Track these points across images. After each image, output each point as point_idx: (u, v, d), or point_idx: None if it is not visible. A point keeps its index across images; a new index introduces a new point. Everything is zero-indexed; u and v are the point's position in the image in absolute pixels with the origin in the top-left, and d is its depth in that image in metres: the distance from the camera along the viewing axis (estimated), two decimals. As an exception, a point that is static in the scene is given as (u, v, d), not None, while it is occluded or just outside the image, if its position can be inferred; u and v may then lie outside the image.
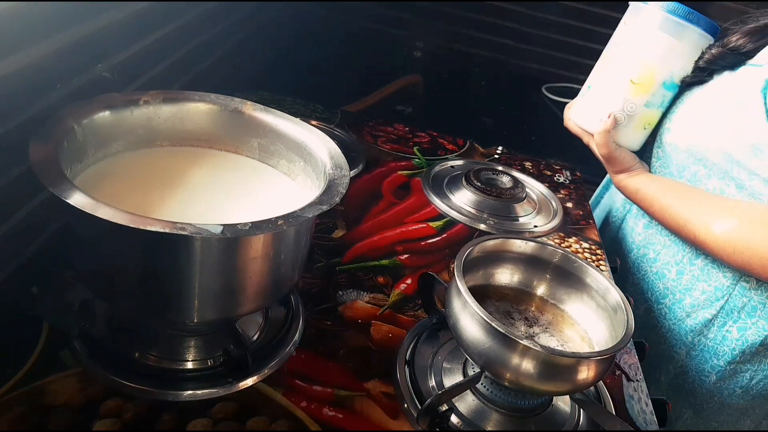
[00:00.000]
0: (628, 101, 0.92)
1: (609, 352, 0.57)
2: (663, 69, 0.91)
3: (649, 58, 0.90)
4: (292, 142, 0.66)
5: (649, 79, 0.91)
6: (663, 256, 0.98)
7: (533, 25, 1.73)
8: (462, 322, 0.59)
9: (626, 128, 0.94)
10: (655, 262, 0.99)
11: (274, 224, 0.50)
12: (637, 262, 1.02)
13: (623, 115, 0.92)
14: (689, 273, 0.94)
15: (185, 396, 0.58)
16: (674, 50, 0.90)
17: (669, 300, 0.97)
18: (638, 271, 1.02)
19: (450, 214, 0.98)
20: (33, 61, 0.61)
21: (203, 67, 1.06)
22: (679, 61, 0.91)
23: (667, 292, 0.97)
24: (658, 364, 0.98)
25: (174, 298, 0.53)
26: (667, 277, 0.97)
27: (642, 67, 0.90)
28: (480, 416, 0.63)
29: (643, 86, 0.91)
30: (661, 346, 0.98)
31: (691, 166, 0.92)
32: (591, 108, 0.96)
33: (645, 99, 0.92)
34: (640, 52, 0.91)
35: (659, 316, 0.98)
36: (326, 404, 0.62)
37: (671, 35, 0.89)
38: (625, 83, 0.91)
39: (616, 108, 0.92)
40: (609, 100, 0.93)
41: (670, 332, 0.97)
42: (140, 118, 0.63)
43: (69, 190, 0.47)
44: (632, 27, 0.93)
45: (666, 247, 0.97)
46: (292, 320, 0.69)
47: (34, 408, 0.54)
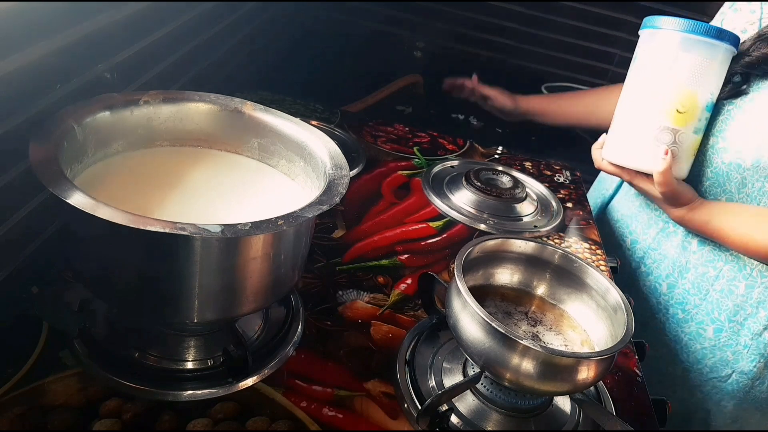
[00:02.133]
0: (678, 132, 0.88)
1: (609, 352, 0.57)
2: (704, 92, 0.88)
3: (688, 84, 0.87)
4: (292, 142, 0.66)
5: (693, 105, 0.88)
6: (727, 272, 0.95)
7: (533, 25, 1.73)
8: (462, 322, 0.59)
9: (680, 160, 0.90)
10: (717, 280, 0.96)
11: (274, 224, 0.50)
12: (697, 281, 0.99)
13: (676, 147, 0.89)
14: (761, 285, 0.93)
15: (185, 396, 0.58)
16: (709, 70, 0.87)
17: (741, 316, 0.95)
18: (699, 291, 0.99)
19: (450, 214, 0.98)
20: (33, 61, 0.61)
21: (203, 67, 1.06)
22: (714, 80, 0.89)
23: (738, 308, 0.95)
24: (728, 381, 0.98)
25: (174, 298, 0.53)
26: (735, 293, 0.95)
27: (684, 94, 0.87)
28: (480, 416, 0.63)
29: (688, 114, 0.88)
30: (736, 363, 0.97)
31: (755, 182, 0.89)
32: (635, 147, 0.91)
33: (693, 126, 0.89)
34: (676, 79, 0.87)
35: (732, 333, 0.96)
36: (326, 404, 0.62)
37: (702, 56, 0.86)
38: (671, 114, 0.88)
39: (668, 141, 0.88)
40: (655, 136, 0.89)
41: (748, 347, 0.95)
42: (140, 118, 0.63)
43: (69, 190, 0.47)
44: (656, 54, 0.90)
45: (729, 263, 0.95)
46: (292, 320, 0.69)
47: (34, 408, 0.54)
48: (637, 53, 0.93)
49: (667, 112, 0.88)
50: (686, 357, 1.00)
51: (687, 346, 1.00)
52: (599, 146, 0.98)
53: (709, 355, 0.98)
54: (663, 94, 0.88)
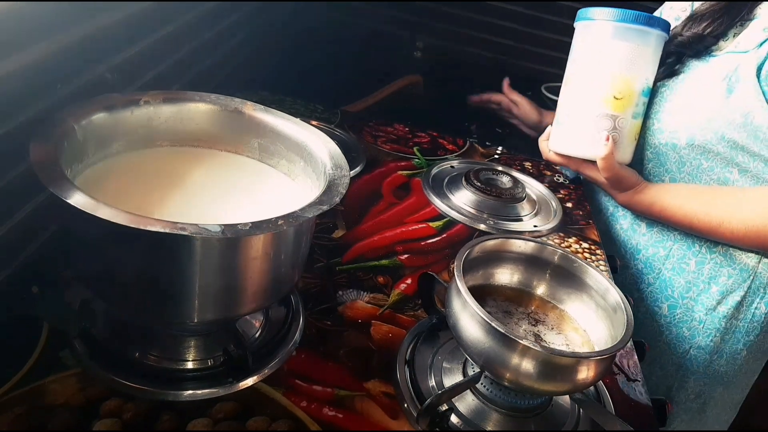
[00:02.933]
0: (617, 118, 0.92)
1: (609, 352, 0.57)
2: (639, 78, 0.92)
3: (623, 70, 0.91)
4: (293, 142, 0.66)
5: (630, 91, 0.91)
6: (676, 251, 0.98)
7: (533, 25, 1.73)
8: (462, 322, 0.59)
9: (621, 145, 0.94)
10: (668, 259, 0.99)
11: (274, 224, 0.50)
12: (649, 261, 1.02)
13: (616, 133, 0.92)
14: (710, 261, 0.95)
15: (185, 396, 0.58)
16: (642, 56, 0.91)
17: (693, 292, 0.97)
18: (651, 270, 1.02)
19: (450, 214, 0.98)
20: (33, 61, 0.62)
21: (203, 68, 1.06)
22: (649, 66, 0.92)
23: (690, 285, 0.97)
24: (687, 357, 0.99)
25: (174, 298, 0.53)
26: (686, 270, 0.97)
27: (620, 81, 0.91)
28: (480, 416, 0.63)
29: (626, 99, 0.92)
30: (693, 339, 0.98)
31: (692, 161, 0.93)
32: (578, 135, 0.96)
33: (631, 111, 0.93)
34: (612, 67, 0.91)
35: (686, 310, 0.98)
36: (326, 404, 0.62)
37: (634, 43, 0.90)
38: (608, 101, 0.91)
39: (608, 127, 0.92)
40: (596, 123, 0.93)
41: (703, 323, 0.97)
42: (140, 119, 0.63)
43: (69, 190, 0.47)
44: (592, 45, 0.93)
45: (677, 242, 0.98)
46: (292, 320, 0.69)
47: (34, 408, 0.54)
48: (573, 45, 0.98)
49: (605, 99, 0.91)
50: (643, 335, 1.01)
51: (643, 324, 1.02)
52: (546, 138, 1.02)
53: (666, 332, 1.00)
54: (600, 82, 0.92)
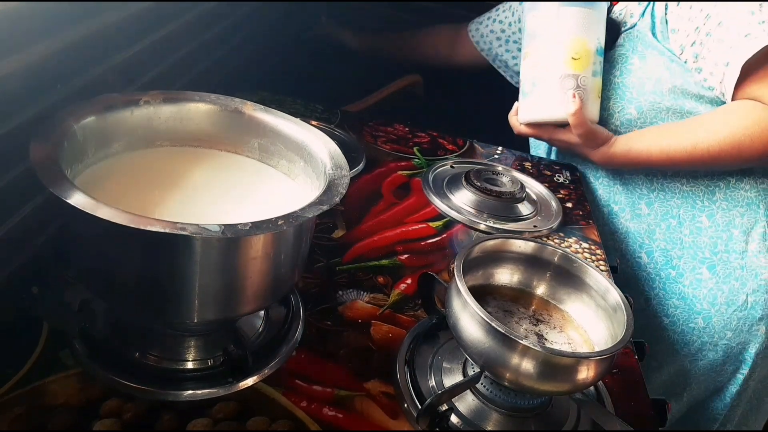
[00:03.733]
0: (579, 76, 0.98)
1: (609, 352, 0.57)
2: (591, 37, 0.99)
3: (576, 32, 0.98)
4: (293, 142, 0.66)
5: (586, 50, 0.98)
6: (685, 215, 1.01)
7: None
8: (462, 322, 0.59)
9: (587, 102, 0.99)
10: (681, 225, 1.02)
11: (274, 224, 0.50)
12: (667, 236, 1.04)
13: (581, 91, 0.98)
14: (718, 210, 1.00)
15: (185, 396, 0.58)
16: (591, 18, 0.99)
17: (721, 245, 1.00)
18: (675, 244, 1.04)
19: (450, 214, 0.98)
20: (33, 61, 0.61)
21: (203, 68, 1.06)
22: (599, 26, 1.00)
23: (714, 240, 1.00)
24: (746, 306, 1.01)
25: (174, 298, 0.53)
26: (702, 228, 1.00)
27: (575, 42, 0.98)
28: (480, 416, 0.63)
29: (583, 59, 0.98)
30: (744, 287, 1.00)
31: (650, 125, 0.99)
32: (545, 99, 1.01)
33: (590, 69, 0.99)
34: (566, 30, 0.98)
35: (724, 264, 1.00)
36: (326, 404, 0.62)
37: (584, 7, 0.99)
38: (568, 62, 0.98)
39: (572, 86, 0.98)
40: (560, 84, 0.99)
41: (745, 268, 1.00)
42: (140, 119, 0.63)
43: (69, 190, 0.47)
44: (544, 16, 1.00)
45: (682, 207, 1.01)
46: (292, 320, 0.69)
47: (34, 408, 0.55)
48: (525, 24, 1.05)
49: (565, 60, 0.98)
50: (700, 305, 1.04)
51: (695, 296, 1.03)
52: (514, 113, 1.07)
53: (718, 291, 1.02)
54: (557, 46, 0.99)
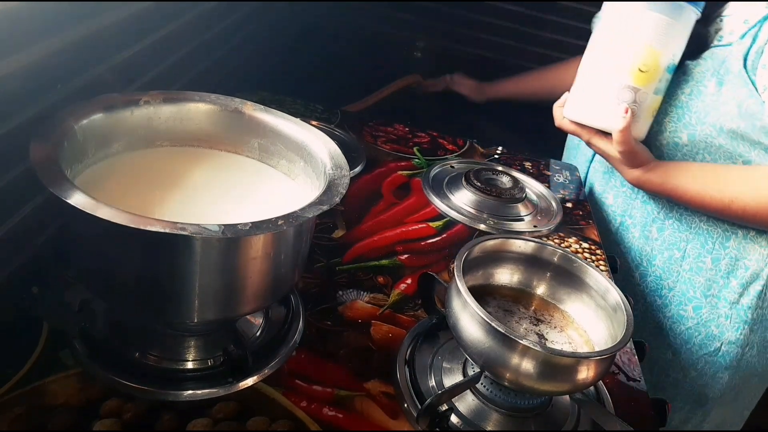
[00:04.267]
0: (638, 91, 0.89)
1: (609, 352, 0.57)
2: (667, 52, 0.88)
3: (652, 43, 0.87)
4: (293, 142, 0.66)
5: (655, 65, 0.88)
6: (691, 251, 0.98)
7: (533, 25, 1.73)
8: (462, 322, 0.59)
9: (639, 119, 0.91)
10: (684, 260, 0.98)
11: (274, 224, 0.50)
12: (666, 266, 1.01)
13: (636, 107, 0.89)
14: (726, 257, 0.95)
15: (185, 396, 0.58)
16: (673, 31, 0.88)
17: (715, 289, 0.97)
18: (670, 274, 1.01)
19: (450, 214, 0.98)
20: (33, 61, 0.61)
21: (203, 68, 1.06)
22: (678, 42, 0.89)
23: (710, 282, 0.97)
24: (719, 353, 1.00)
25: (174, 298, 0.53)
26: (703, 269, 0.97)
27: (647, 53, 0.87)
28: (480, 416, 0.63)
29: (650, 73, 0.88)
30: (722, 336, 0.98)
31: (695, 157, 0.93)
32: (596, 104, 0.92)
33: (653, 86, 0.89)
34: (641, 37, 0.88)
35: (711, 308, 0.98)
36: (326, 404, 0.62)
37: (668, 15, 0.87)
38: (633, 73, 0.88)
39: (628, 99, 0.89)
40: (617, 94, 0.89)
41: (729, 317, 0.98)
42: (140, 119, 0.63)
43: (69, 190, 0.47)
44: (623, 13, 0.89)
45: (691, 242, 0.98)
46: (292, 320, 0.69)
47: (34, 408, 0.54)
48: (603, 12, 0.94)
49: (630, 70, 0.88)
50: (673, 340, 1.02)
51: (671, 329, 1.02)
52: (561, 104, 0.99)
53: (695, 333, 1.00)
54: (626, 52, 0.88)
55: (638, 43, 0.88)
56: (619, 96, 0.89)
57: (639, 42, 0.88)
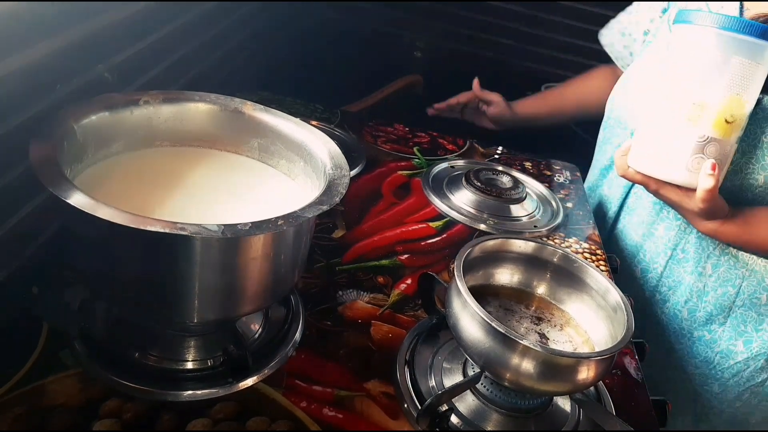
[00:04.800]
0: (723, 143, 0.78)
1: (609, 352, 0.57)
2: (752, 99, 0.79)
3: (738, 91, 0.77)
4: (292, 142, 0.66)
5: (741, 115, 0.78)
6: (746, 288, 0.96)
7: (533, 25, 1.73)
8: (462, 322, 0.59)
9: (722, 172, 0.80)
10: (738, 296, 0.96)
11: (274, 224, 0.50)
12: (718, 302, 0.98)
13: (720, 162, 0.79)
14: None
15: (185, 396, 0.58)
16: (758, 75, 0.78)
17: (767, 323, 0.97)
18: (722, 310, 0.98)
19: (450, 214, 0.98)
20: (33, 61, 0.61)
21: (203, 68, 1.06)
22: (759, 86, 0.79)
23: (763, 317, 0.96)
24: None
25: (174, 298, 0.53)
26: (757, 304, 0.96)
27: (734, 103, 0.77)
28: (480, 416, 0.63)
29: (736, 123, 0.78)
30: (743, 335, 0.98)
31: (766, 197, 0.88)
32: (673, 158, 0.81)
33: (736, 136, 0.80)
34: (727, 86, 0.77)
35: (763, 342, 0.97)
36: (326, 404, 0.62)
37: (753, 59, 0.76)
38: (717, 125, 0.78)
39: (713, 154, 0.79)
40: (698, 147, 0.78)
41: None
42: (140, 119, 0.63)
43: (69, 190, 0.47)
44: (700, 56, 0.79)
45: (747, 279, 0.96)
46: (292, 320, 0.69)
47: (34, 408, 0.54)
48: (673, 51, 0.83)
49: (715, 122, 0.78)
50: (721, 374, 1.00)
51: (719, 364, 1.00)
52: (624, 152, 0.89)
53: (744, 366, 0.98)
54: (709, 102, 0.78)
55: (724, 92, 0.78)
56: (702, 150, 0.79)
57: (725, 90, 0.78)
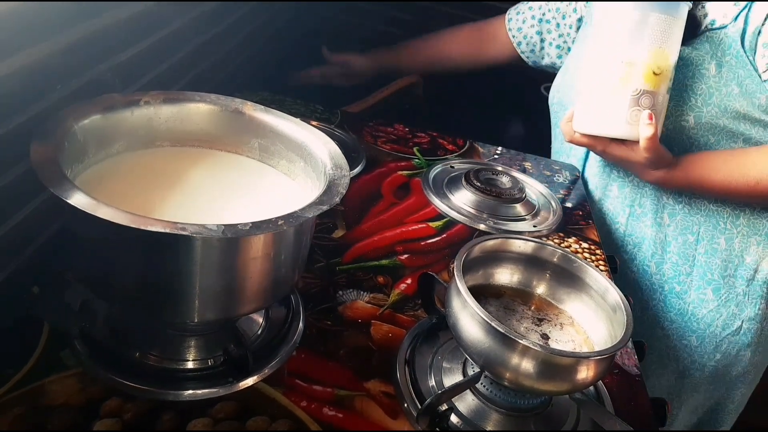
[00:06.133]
0: (655, 94, 0.86)
1: (609, 352, 0.57)
2: (674, 50, 0.87)
3: (660, 44, 0.85)
4: (293, 142, 0.66)
5: (667, 65, 0.87)
6: (705, 233, 0.99)
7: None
8: (462, 322, 0.59)
9: (659, 122, 0.88)
10: (699, 243, 1.00)
11: (274, 224, 0.50)
12: (681, 251, 1.02)
13: (656, 111, 0.87)
14: (738, 235, 0.97)
15: (185, 396, 0.58)
16: (676, 27, 0.86)
17: (731, 269, 0.99)
18: (687, 259, 1.02)
19: (450, 214, 0.98)
20: (33, 61, 0.61)
21: (204, 68, 1.06)
22: (680, 36, 0.87)
23: (726, 263, 0.99)
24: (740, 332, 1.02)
25: (174, 297, 0.53)
26: (718, 250, 0.99)
27: (658, 55, 0.85)
28: (480, 416, 0.63)
29: (663, 74, 0.87)
30: (742, 313, 1.00)
31: (699, 138, 0.94)
32: (612, 114, 0.89)
33: (666, 86, 0.88)
34: (650, 41, 0.85)
35: (730, 288, 1.00)
36: (326, 404, 0.62)
37: (669, 14, 0.85)
38: (647, 77, 0.86)
39: (648, 105, 0.86)
40: (634, 101, 0.86)
41: (747, 295, 1.00)
42: (141, 119, 0.63)
43: (69, 191, 0.47)
44: (622, 17, 0.87)
45: (703, 225, 0.99)
46: (292, 320, 0.69)
47: (34, 408, 0.55)
48: (597, 17, 0.92)
49: (644, 75, 0.86)
50: (696, 325, 1.03)
51: (693, 314, 1.03)
52: (569, 119, 0.96)
53: (717, 314, 1.01)
54: (636, 57, 0.86)
55: (648, 47, 0.86)
56: (638, 102, 0.87)
57: (648, 45, 0.86)
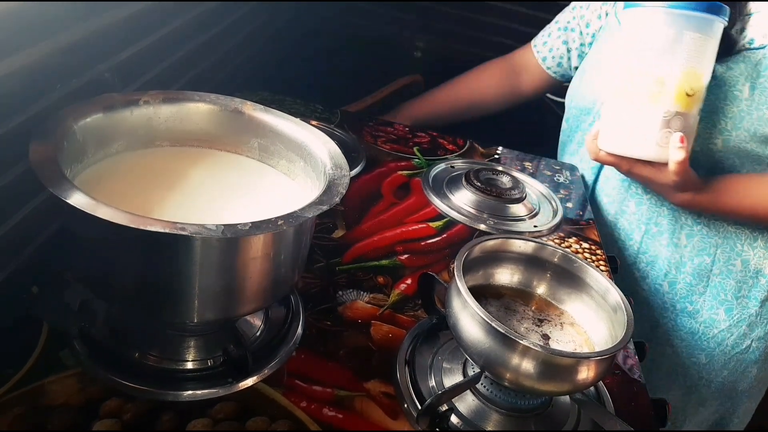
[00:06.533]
0: (687, 116, 0.83)
1: (609, 352, 0.57)
2: (707, 71, 0.84)
3: (694, 65, 0.82)
4: (292, 142, 0.66)
5: (700, 87, 0.84)
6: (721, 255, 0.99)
7: (533, 25, 1.73)
8: (462, 322, 0.59)
9: (689, 144, 0.85)
10: (714, 264, 1.00)
11: (274, 224, 0.50)
12: (696, 272, 1.02)
13: (687, 134, 0.84)
14: (754, 257, 0.98)
15: (185, 396, 0.58)
16: (710, 47, 0.83)
17: (744, 290, 0.99)
18: (701, 280, 1.01)
19: (450, 214, 0.98)
20: (33, 61, 0.61)
21: (203, 68, 1.06)
22: (713, 56, 0.84)
23: (740, 284, 1.00)
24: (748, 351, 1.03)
25: (174, 298, 0.53)
26: (733, 271, 0.99)
27: (692, 77, 0.82)
28: (480, 416, 0.63)
29: (696, 96, 0.84)
30: (752, 333, 1.01)
31: (725, 161, 0.92)
32: (638, 134, 0.85)
33: (698, 108, 0.85)
34: (683, 61, 0.82)
35: (742, 308, 1.00)
36: (326, 404, 0.62)
37: (703, 33, 0.82)
38: (680, 99, 0.82)
39: (679, 127, 0.83)
40: (664, 123, 0.83)
41: (759, 315, 1.00)
42: (140, 119, 0.63)
43: (69, 190, 0.47)
44: (656, 35, 0.83)
45: (720, 247, 0.99)
46: (292, 320, 0.69)
47: (34, 408, 0.54)
48: (626, 34, 0.88)
49: (676, 97, 0.83)
50: (707, 344, 1.03)
51: (704, 333, 1.03)
52: (594, 137, 0.94)
53: (728, 334, 1.01)
54: (669, 78, 0.83)
55: (681, 67, 0.82)
56: (668, 124, 0.84)
57: (682, 65, 0.82)
